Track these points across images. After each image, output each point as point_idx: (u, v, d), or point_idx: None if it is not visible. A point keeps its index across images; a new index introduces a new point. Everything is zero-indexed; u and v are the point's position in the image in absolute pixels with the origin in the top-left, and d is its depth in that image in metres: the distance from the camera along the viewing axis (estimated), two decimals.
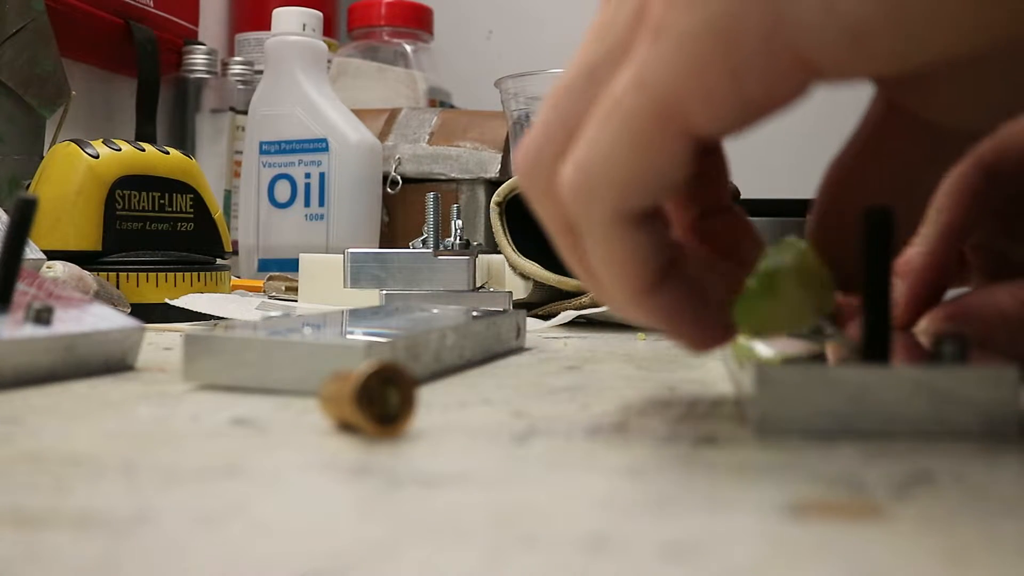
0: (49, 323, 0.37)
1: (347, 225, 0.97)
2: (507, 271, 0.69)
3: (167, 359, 0.44)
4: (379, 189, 1.00)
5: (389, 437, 0.27)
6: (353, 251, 0.67)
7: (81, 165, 0.66)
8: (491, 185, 1.01)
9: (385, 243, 1.01)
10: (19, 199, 0.38)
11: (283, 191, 0.99)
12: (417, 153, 1.03)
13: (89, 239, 0.66)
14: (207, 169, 0.98)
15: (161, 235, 0.69)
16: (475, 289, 0.66)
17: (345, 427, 0.28)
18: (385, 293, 0.64)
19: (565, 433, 0.28)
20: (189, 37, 1.18)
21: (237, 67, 1.19)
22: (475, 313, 0.47)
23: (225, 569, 0.17)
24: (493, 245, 0.71)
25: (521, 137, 0.94)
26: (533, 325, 0.61)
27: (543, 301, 0.69)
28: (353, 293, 0.66)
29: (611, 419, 0.30)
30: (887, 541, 0.18)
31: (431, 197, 0.67)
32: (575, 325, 0.65)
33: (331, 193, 0.97)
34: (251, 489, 0.22)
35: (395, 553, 0.17)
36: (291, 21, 0.98)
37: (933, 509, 0.21)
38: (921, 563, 0.17)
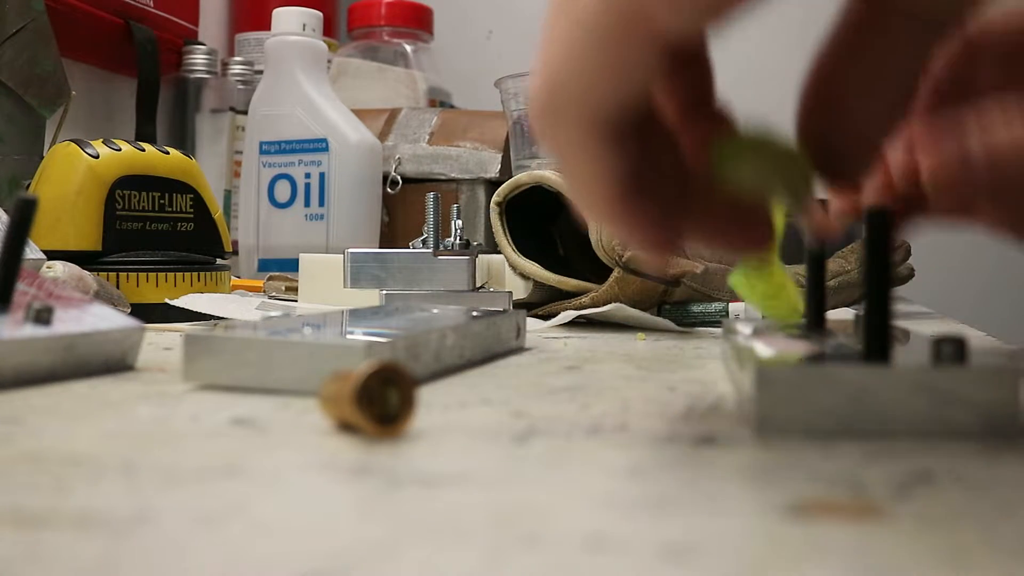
0: (49, 323, 0.37)
1: (347, 225, 0.97)
2: (507, 271, 0.69)
3: (167, 359, 0.44)
4: (379, 189, 1.00)
5: (389, 437, 0.27)
6: (353, 251, 0.67)
7: (81, 165, 0.66)
8: (491, 185, 1.01)
9: (385, 243, 1.01)
10: (19, 199, 0.38)
11: (283, 191, 0.99)
12: (417, 153, 1.03)
13: (89, 239, 0.65)
14: (207, 169, 0.98)
15: (161, 235, 0.69)
16: (475, 289, 0.66)
17: (345, 427, 0.28)
18: (385, 293, 0.64)
19: (565, 433, 0.28)
20: (189, 37, 1.18)
21: (237, 67, 1.19)
22: (475, 313, 0.47)
23: (225, 569, 0.17)
24: (493, 245, 0.71)
25: (521, 136, 0.94)
26: (533, 325, 0.61)
27: (543, 301, 0.69)
28: (353, 293, 0.66)
29: (611, 419, 0.30)
30: (887, 541, 0.18)
31: (431, 197, 0.67)
32: (575, 325, 0.65)
33: (331, 193, 0.97)
34: (251, 489, 0.22)
35: (395, 553, 0.17)
36: (291, 21, 0.98)
37: (933, 509, 0.21)
38: (921, 563, 0.17)
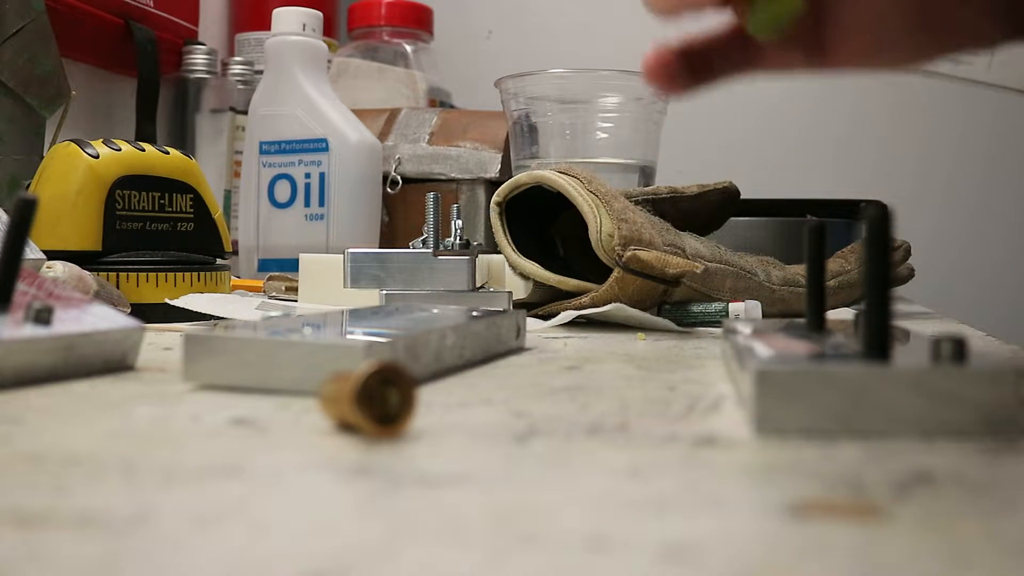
0: (49, 323, 0.37)
1: (347, 225, 0.97)
2: (507, 271, 0.69)
3: (167, 359, 0.44)
4: (379, 189, 1.00)
5: (389, 437, 0.27)
6: (353, 251, 0.67)
7: (81, 165, 0.66)
8: (491, 185, 1.01)
9: (385, 243, 1.01)
10: (19, 199, 0.38)
11: (283, 191, 0.99)
12: (417, 153, 1.03)
13: (89, 239, 0.65)
14: (207, 169, 0.98)
15: (161, 235, 0.69)
16: (475, 289, 0.66)
17: (345, 427, 0.28)
18: (385, 293, 0.64)
19: (565, 433, 0.28)
20: (189, 37, 1.18)
21: (237, 67, 1.19)
22: (475, 313, 0.47)
23: (225, 569, 0.17)
24: (493, 245, 0.71)
25: (521, 136, 0.94)
26: (533, 325, 0.61)
27: (543, 301, 0.69)
28: (353, 293, 0.66)
29: (611, 419, 0.30)
30: (887, 541, 0.18)
31: (431, 197, 0.66)
32: (575, 325, 0.65)
33: (331, 193, 0.97)
34: (251, 489, 0.22)
35: (395, 553, 0.17)
36: (291, 21, 0.98)
37: (933, 509, 0.21)
38: (921, 563, 0.17)
